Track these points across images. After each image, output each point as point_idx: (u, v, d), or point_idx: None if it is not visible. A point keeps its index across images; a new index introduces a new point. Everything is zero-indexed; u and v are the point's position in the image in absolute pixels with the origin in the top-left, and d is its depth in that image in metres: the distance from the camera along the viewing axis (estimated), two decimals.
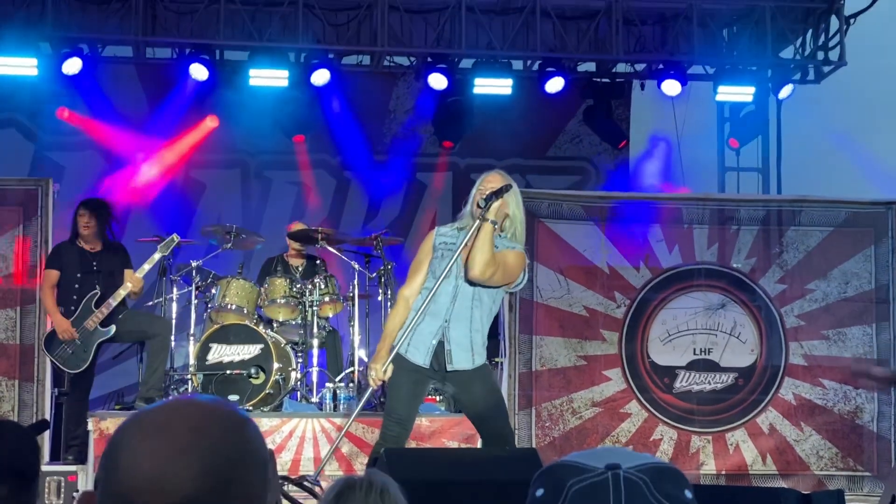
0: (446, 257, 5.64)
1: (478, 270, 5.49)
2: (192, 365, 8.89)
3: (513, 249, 5.64)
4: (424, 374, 5.68)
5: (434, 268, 5.68)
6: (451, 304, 5.64)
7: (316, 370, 9.09)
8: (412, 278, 5.77)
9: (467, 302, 5.65)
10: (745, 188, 12.13)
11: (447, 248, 5.69)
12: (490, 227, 5.50)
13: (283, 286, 9.24)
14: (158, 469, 1.42)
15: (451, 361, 5.64)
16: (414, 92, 12.33)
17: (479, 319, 5.70)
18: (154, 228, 10.02)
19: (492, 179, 5.70)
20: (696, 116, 11.96)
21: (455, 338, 5.64)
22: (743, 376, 9.10)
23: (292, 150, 12.06)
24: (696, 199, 9.45)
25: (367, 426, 8.18)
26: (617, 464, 1.41)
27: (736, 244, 9.22)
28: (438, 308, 5.63)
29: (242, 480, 1.46)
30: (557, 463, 1.46)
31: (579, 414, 8.92)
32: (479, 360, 5.72)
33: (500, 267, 5.54)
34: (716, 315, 9.12)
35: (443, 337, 5.64)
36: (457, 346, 5.65)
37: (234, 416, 1.50)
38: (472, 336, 5.66)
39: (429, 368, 5.65)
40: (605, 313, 9.03)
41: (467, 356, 5.67)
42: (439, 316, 5.64)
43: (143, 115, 11.87)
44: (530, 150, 12.60)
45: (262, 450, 1.51)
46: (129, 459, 1.44)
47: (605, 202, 9.30)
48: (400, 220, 12.16)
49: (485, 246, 5.48)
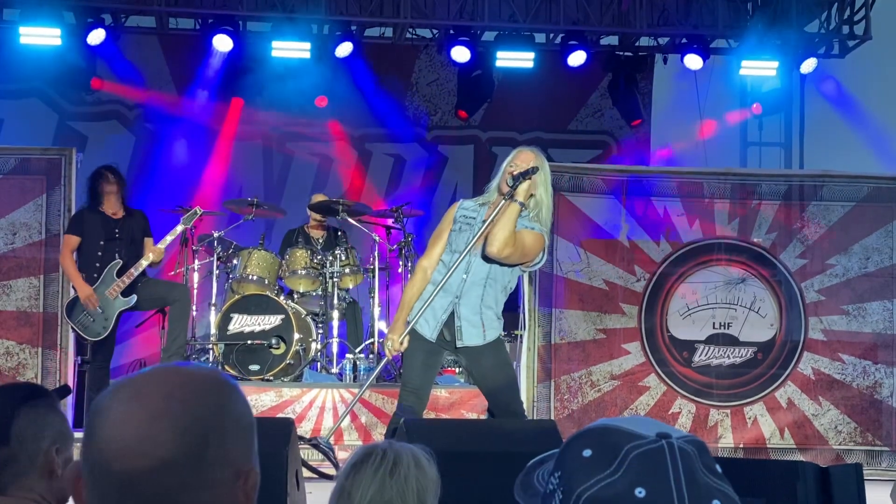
0: (464, 231, 5.62)
1: (497, 247, 5.46)
2: (213, 334, 8.94)
3: (532, 230, 5.59)
4: (438, 345, 5.68)
5: (451, 240, 5.67)
6: (463, 280, 5.62)
7: (336, 341, 9.12)
8: (431, 249, 5.75)
9: (480, 279, 5.62)
10: (767, 163, 12.09)
11: (466, 221, 5.67)
12: (517, 207, 5.45)
13: (304, 257, 9.27)
14: (134, 434, 1.42)
15: (461, 338, 5.64)
16: (436, 64, 12.31)
17: (491, 297, 5.67)
18: (177, 199, 10.06)
19: (524, 157, 5.63)
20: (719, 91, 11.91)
21: (465, 314, 5.62)
22: (762, 350, 9.09)
23: (314, 122, 12.07)
24: (717, 174, 9.41)
25: (386, 396, 8.21)
26: (668, 433, 1.39)
27: (757, 219, 9.18)
28: (450, 283, 5.61)
29: (221, 444, 1.45)
30: (603, 425, 1.42)
31: (598, 387, 8.93)
32: (490, 336, 5.70)
33: (518, 247, 5.51)
34: (735, 289, 9.10)
35: (453, 313, 5.63)
36: (467, 323, 5.64)
37: (213, 380, 1.49)
38: (482, 312, 5.64)
39: (437, 341, 5.66)
40: (625, 287, 9.02)
41: (478, 332, 5.65)
42: (450, 291, 5.62)
43: (166, 86, 11.89)
44: (552, 124, 12.58)
45: (245, 415, 1.50)
46: (105, 426, 1.44)
47: (626, 176, 9.28)
48: (421, 193, 12.18)
49: (508, 224, 5.43)
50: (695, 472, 1.37)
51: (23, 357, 8.58)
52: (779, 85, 11.93)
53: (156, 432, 1.42)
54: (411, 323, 5.60)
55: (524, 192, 5.47)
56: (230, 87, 11.63)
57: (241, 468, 1.47)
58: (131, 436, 1.42)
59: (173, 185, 11.40)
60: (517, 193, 5.45)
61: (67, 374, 8.57)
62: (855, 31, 11.12)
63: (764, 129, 12.28)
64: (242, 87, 11.60)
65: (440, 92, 12.41)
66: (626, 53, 11.73)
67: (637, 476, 1.36)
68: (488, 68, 11.45)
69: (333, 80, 11.59)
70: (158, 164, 11.79)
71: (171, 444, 1.42)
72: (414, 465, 2.65)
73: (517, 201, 5.44)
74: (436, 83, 12.44)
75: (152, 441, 1.42)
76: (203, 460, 1.44)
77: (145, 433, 1.42)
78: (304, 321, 9.09)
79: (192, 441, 1.43)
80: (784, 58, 11.38)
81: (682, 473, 1.36)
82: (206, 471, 1.44)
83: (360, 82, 11.88)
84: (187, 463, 1.43)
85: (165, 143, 11.86)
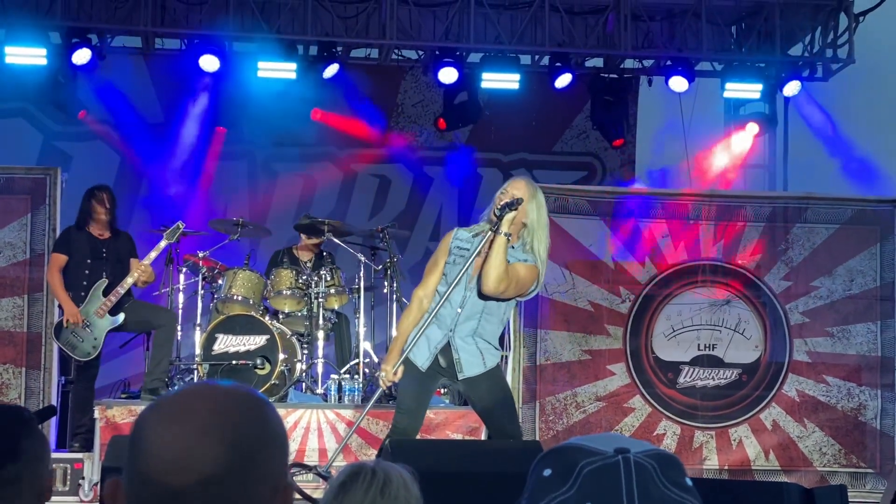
0: (458, 264, 5.58)
1: (491, 286, 5.43)
2: (197, 355, 8.92)
3: (525, 263, 5.55)
4: (432, 371, 5.67)
5: (447, 272, 5.64)
6: (458, 313, 5.59)
7: (321, 361, 9.12)
8: (427, 278, 5.72)
9: (475, 312, 5.60)
10: (751, 185, 12.13)
11: (460, 253, 5.63)
12: (503, 240, 5.39)
13: (289, 277, 9.27)
14: (182, 451, 1.44)
15: (462, 370, 5.62)
16: (422, 86, 12.34)
17: (487, 329, 5.65)
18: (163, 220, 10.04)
19: (515, 187, 5.58)
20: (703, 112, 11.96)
21: (462, 347, 5.61)
22: (747, 372, 9.11)
23: (299, 142, 12.07)
24: (702, 196, 9.45)
25: (374, 419, 8.20)
26: (626, 448, 1.43)
27: (742, 241, 9.22)
28: (444, 316, 5.58)
29: (264, 460, 1.48)
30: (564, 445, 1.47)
31: (583, 408, 8.94)
32: (490, 363, 5.69)
33: (512, 281, 5.48)
34: (720, 311, 9.13)
35: (448, 346, 5.61)
36: (465, 354, 5.62)
37: (253, 397, 1.53)
38: (478, 345, 5.63)
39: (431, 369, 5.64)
40: (610, 308, 9.04)
41: (477, 361, 5.64)
42: (445, 325, 5.60)
43: (151, 107, 11.89)
44: (537, 145, 12.62)
45: (282, 431, 1.53)
46: (152, 444, 1.46)
47: (611, 197, 9.31)
48: (406, 214, 12.18)
49: (497, 260, 5.38)
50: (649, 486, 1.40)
51: (6, 377, 8.55)
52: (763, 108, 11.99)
53: (204, 448, 1.45)
54: (405, 352, 5.58)
55: (509, 222, 5.41)
56: (216, 108, 11.63)
57: (279, 483, 1.50)
58: (179, 451, 1.44)
59: (158, 206, 11.38)
60: (502, 224, 5.40)
61: (51, 394, 8.54)
62: (838, 55, 11.19)
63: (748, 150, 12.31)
64: (228, 109, 11.60)
65: (425, 113, 12.44)
66: (611, 75, 11.77)
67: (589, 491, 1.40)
68: (474, 89, 11.48)
69: (319, 101, 11.61)
70: (143, 184, 11.78)
71: (219, 460, 1.44)
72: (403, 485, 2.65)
73: (502, 233, 5.39)
74: (421, 104, 12.47)
75: (200, 456, 1.44)
76: (248, 476, 1.46)
77: (193, 448, 1.44)
78: (288, 341, 9.08)
79: (239, 457, 1.46)
80: (767, 80, 11.45)
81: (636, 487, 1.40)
82: (250, 486, 1.47)
83: (346, 103, 11.90)
84: (233, 478, 1.45)
85: (150, 164, 11.85)
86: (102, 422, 8.06)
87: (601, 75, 11.77)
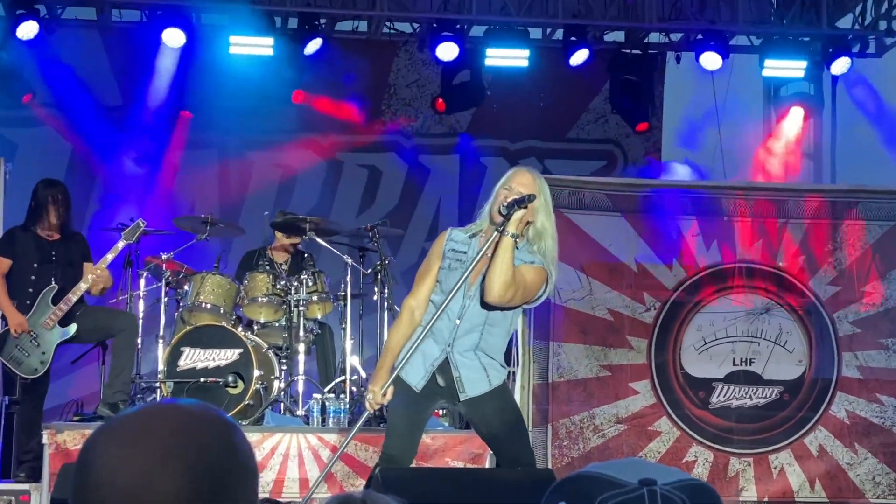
0: (455, 269, 5.55)
1: (497, 294, 5.39)
2: (160, 371, 8.91)
3: (532, 265, 5.53)
4: (427, 391, 5.65)
5: (441, 278, 5.61)
6: (457, 326, 5.57)
7: (302, 379, 9.11)
8: (418, 286, 5.68)
9: (476, 325, 5.56)
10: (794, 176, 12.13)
11: (456, 257, 5.60)
12: (510, 242, 5.34)
13: (265, 283, 9.26)
14: (137, 480, 1.43)
15: (464, 389, 5.59)
16: (417, 64, 12.34)
17: (490, 343, 5.62)
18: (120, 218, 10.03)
19: (520, 180, 5.53)
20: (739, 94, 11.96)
21: (462, 363, 5.57)
22: (789, 390, 9.10)
23: (277, 128, 12.07)
24: (738, 189, 9.44)
25: (363, 444, 8.19)
26: (652, 479, 1.41)
27: (783, 241, 9.21)
28: (441, 329, 5.55)
29: (231, 492, 1.47)
30: (582, 473, 1.45)
31: (602, 432, 8.93)
32: (496, 380, 5.67)
33: (519, 287, 5.46)
34: (759, 321, 9.12)
35: (447, 363, 5.59)
36: (467, 371, 5.58)
37: (221, 419, 1.52)
38: (481, 361, 5.61)
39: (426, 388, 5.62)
40: (633, 317, 9.03)
41: (480, 379, 5.61)
42: (442, 339, 5.58)
43: (108, 88, 11.88)
44: (549, 132, 12.62)
45: (252, 459, 1.52)
46: (103, 470, 1.44)
47: (635, 190, 9.30)
48: (399, 210, 12.19)
49: (504, 265, 5.34)
50: None
51: None
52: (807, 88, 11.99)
53: (163, 476, 1.43)
54: (396, 369, 5.55)
55: (517, 221, 5.38)
56: (181, 90, 11.63)
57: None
58: (135, 479, 1.43)
59: (115, 201, 11.37)
60: (509, 225, 5.37)
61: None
62: (893, 27, 11.19)
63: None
64: (195, 90, 11.60)
65: (421, 95, 12.44)
66: (633, 51, 11.78)
67: None
68: (477, 68, 11.48)
69: (299, 82, 11.60)
70: (98, 177, 11.77)
71: (180, 489, 1.43)
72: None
73: (510, 234, 5.36)
74: (416, 85, 12.47)
75: (159, 485, 1.43)
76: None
77: (151, 476, 1.43)
78: (265, 356, 9.08)
79: (203, 485, 1.45)
80: (812, 57, 11.44)
81: None
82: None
83: (330, 84, 11.90)
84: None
85: (106, 154, 11.83)
86: (52, 448, 8.04)
87: (622, 51, 11.79)
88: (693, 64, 11.48)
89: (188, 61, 11.33)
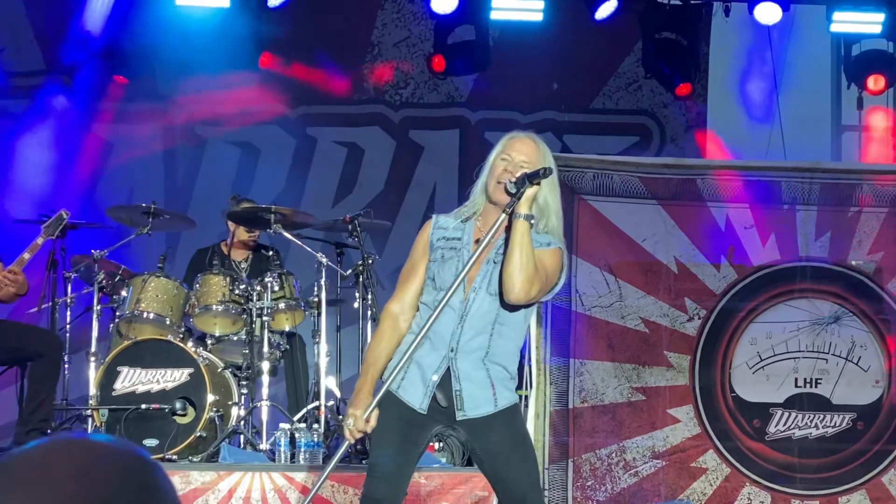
0: (450, 259, 5.57)
1: (520, 291, 5.39)
2: (92, 396, 8.92)
3: (548, 247, 5.56)
4: (427, 416, 5.65)
5: (433, 274, 5.62)
6: (459, 326, 5.57)
7: (266, 405, 9.12)
8: (402, 289, 5.69)
9: (484, 325, 5.57)
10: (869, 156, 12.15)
11: (450, 245, 5.61)
12: (526, 226, 5.34)
13: (220, 287, 9.27)
14: None
15: (462, 407, 5.59)
16: (406, 18, 12.35)
17: (503, 349, 5.62)
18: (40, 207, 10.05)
19: (522, 148, 5.54)
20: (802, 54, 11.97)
21: (466, 373, 5.57)
22: (863, 418, 9.12)
23: (234, 97, 12.07)
24: (800, 170, 9.46)
25: (340, 484, 8.21)
26: None
27: (856, 234, 9.23)
28: (441, 332, 5.55)
29: None
30: None
31: (634, 468, 8.95)
32: (504, 401, 5.65)
33: (541, 278, 5.48)
34: (826, 332, 9.14)
35: (448, 373, 5.60)
36: (469, 385, 5.58)
37: (133, 456, 1.52)
38: (489, 369, 5.60)
39: (429, 412, 5.62)
40: (672, 328, 9.05)
41: (486, 396, 5.61)
42: (442, 343, 5.57)
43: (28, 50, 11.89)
44: (569, 101, 12.64)
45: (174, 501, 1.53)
46: None
47: (674, 173, 9.31)
48: (386, 197, 12.20)
49: (525, 255, 5.33)
50: None
51: None
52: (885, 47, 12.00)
53: None
54: (384, 386, 5.56)
55: (530, 200, 5.40)
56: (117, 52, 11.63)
57: None
58: None
59: (34, 188, 11.38)
60: (520, 205, 5.38)
61: None
62: None
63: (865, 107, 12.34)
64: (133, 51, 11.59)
65: (412, 56, 12.46)
66: (672, 2, 11.78)
67: None
68: (480, 23, 11.48)
69: (262, 40, 11.61)
70: (14, 158, 11.77)
71: None
72: None
73: (522, 216, 5.38)
74: (405, 44, 12.49)
75: None
76: None
77: None
78: (220, 377, 9.09)
79: None
80: (892, 9, 11.46)
81: None
82: None
83: (300, 42, 11.90)
84: None
85: (24, 130, 11.84)
86: None
87: (659, 1, 11.78)
88: (745, 17, 11.49)
89: (126, 16, 11.32)
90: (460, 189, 12.19)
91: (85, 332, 9.37)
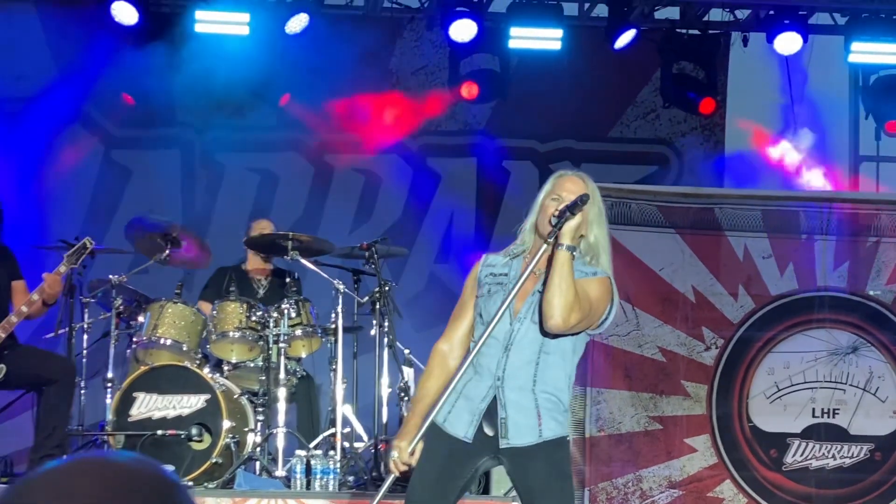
0: (496, 294, 5.59)
1: (560, 318, 5.40)
2: (108, 422, 8.91)
3: (595, 276, 5.57)
4: (473, 446, 5.63)
5: (481, 309, 5.64)
6: (504, 355, 5.57)
7: (282, 432, 9.10)
8: (451, 326, 5.71)
9: (528, 352, 5.56)
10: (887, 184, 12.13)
11: (497, 281, 5.63)
12: (567, 255, 5.37)
13: (237, 314, 9.25)
14: None
15: (506, 435, 5.57)
16: (424, 46, 12.36)
17: (551, 377, 5.60)
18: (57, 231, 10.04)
19: (569, 186, 5.57)
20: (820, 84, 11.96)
21: (513, 401, 5.55)
22: (881, 448, 9.09)
23: (254, 124, 12.08)
24: (819, 200, 9.44)
25: None
26: None
27: (874, 264, 9.21)
28: (487, 363, 5.56)
29: None
30: None
31: (651, 498, 8.92)
32: (549, 432, 5.62)
33: (584, 307, 5.47)
34: (844, 362, 9.11)
35: (494, 401, 5.59)
36: (515, 412, 5.56)
37: (156, 475, 1.52)
38: (537, 398, 5.59)
39: (475, 442, 5.61)
40: (689, 358, 9.03)
41: (530, 425, 5.58)
42: (488, 374, 5.57)
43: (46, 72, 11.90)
44: (587, 130, 12.62)
45: None
46: None
47: (692, 202, 9.30)
48: (403, 225, 12.18)
49: (565, 282, 5.36)
50: None
51: None
52: None
53: None
54: (428, 418, 5.54)
55: (572, 231, 5.42)
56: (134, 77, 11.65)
57: None
58: None
59: (53, 210, 11.39)
60: (563, 235, 5.40)
61: None
62: None
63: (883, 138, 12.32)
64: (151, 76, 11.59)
65: (430, 83, 12.45)
66: (691, 31, 11.78)
67: None
68: (499, 51, 11.49)
69: (280, 68, 11.62)
70: (31, 178, 11.78)
71: None
72: None
73: (564, 246, 5.39)
74: (424, 72, 12.48)
75: None
76: None
77: None
78: (237, 403, 9.08)
79: None
80: None
81: None
82: None
83: (318, 70, 11.91)
84: None
85: (42, 150, 11.85)
86: None
87: (677, 31, 11.78)
88: (764, 47, 11.48)
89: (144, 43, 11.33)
90: (477, 217, 12.19)
91: (102, 358, 9.36)
